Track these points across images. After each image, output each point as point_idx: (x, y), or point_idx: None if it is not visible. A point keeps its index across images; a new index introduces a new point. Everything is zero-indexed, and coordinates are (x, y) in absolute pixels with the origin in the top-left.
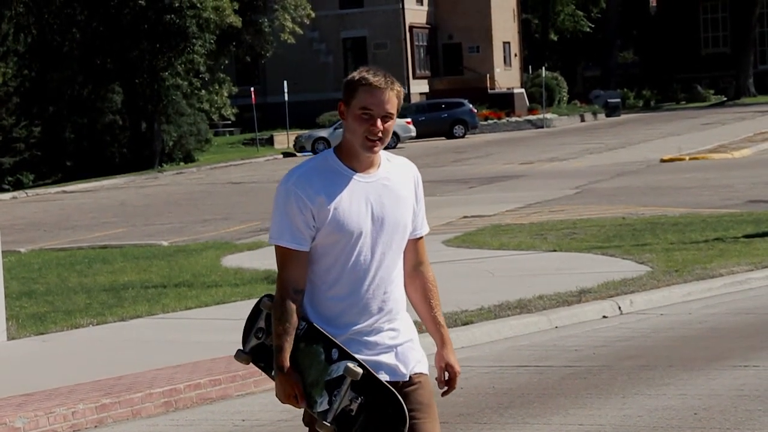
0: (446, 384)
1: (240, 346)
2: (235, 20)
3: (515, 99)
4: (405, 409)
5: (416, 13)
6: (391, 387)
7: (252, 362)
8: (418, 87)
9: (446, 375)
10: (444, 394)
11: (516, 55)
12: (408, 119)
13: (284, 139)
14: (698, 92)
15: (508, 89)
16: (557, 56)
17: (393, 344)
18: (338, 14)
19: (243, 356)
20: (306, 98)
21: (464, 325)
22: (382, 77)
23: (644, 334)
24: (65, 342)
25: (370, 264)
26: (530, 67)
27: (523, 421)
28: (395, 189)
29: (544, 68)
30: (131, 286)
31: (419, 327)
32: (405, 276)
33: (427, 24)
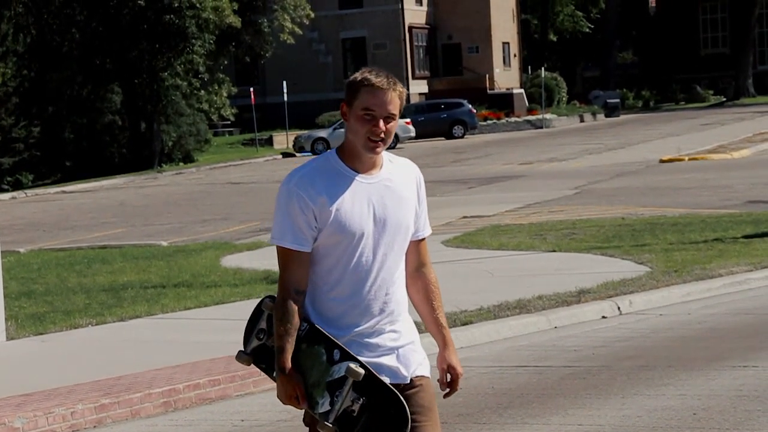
0: (448, 386)
1: (240, 347)
2: (235, 20)
3: (514, 99)
4: (407, 410)
5: (415, 14)
6: (393, 388)
7: (253, 363)
8: (418, 87)
9: (448, 377)
10: (446, 396)
11: (515, 56)
12: (407, 120)
13: (283, 140)
14: (697, 93)
15: (508, 90)
16: (556, 57)
17: (394, 346)
18: (337, 14)
19: (244, 357)
20: (305, 98)
21: (463, 326)
22: (385, 78)
23: (643, 335)
24: (64, 342)
25: (372, 265)
26: (529, 68)
27: (523, 422)
28: (397, 190)
29: (544, 69)
30: (130, 287)
31: (419, 327)
32: (407, 277)
33: (427, 24)
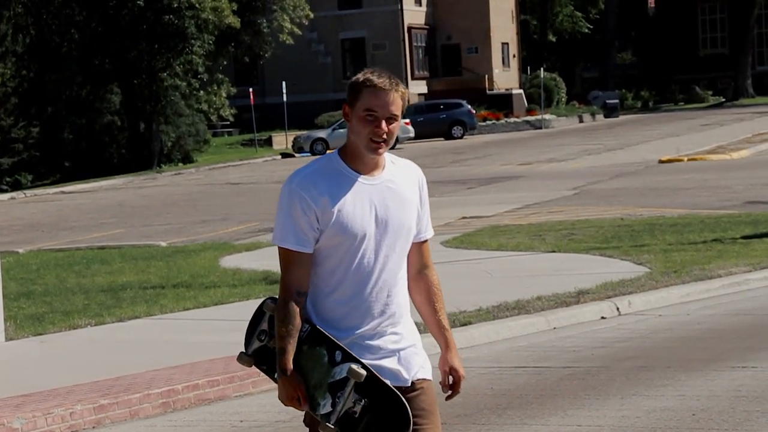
0: (450, 388)
1: (240, 347)
2: (234, 21)
3: (514, 100)
4: (409, 411)
5: (415, 14)
6: (395, 389)
7: (255, 365)
8: (417, 88)
9: (450, 379)
10: (448, 398)
11: (514, 56)
12: (406, 120)
13: (283, 140)
14: (696, 93)
15: (507, 90)
16: (556, 57)
17: (396, 348)
18: (337, 15)
19: (246, 359)
20: (304, 99)
21: (463, 326)
22: (387, 79)
23: (642, 335)
24: (63, 343)
25: (374, 267)
26: (529, 68)
27: (522, 422)
28: (399, 191)
29: (543, 69)
30: (129, 287)
31: (419, 327)
32: (409, 279)
33: (426, 25)
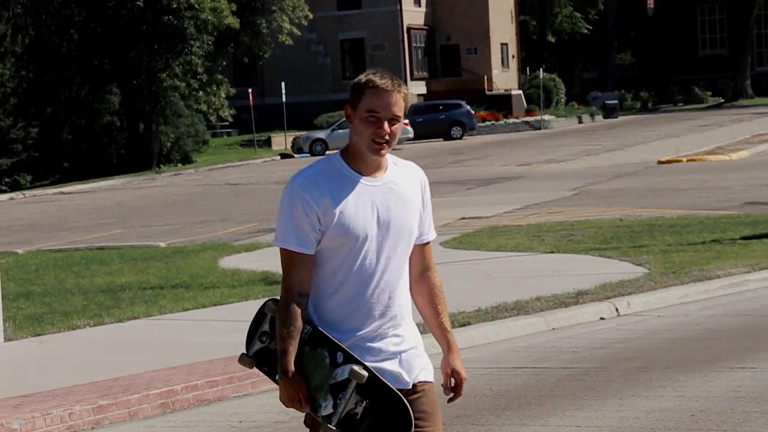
0: (452, 390)
1: (238, 348)
2: (233, 21)
3: (513, 100)
4: (410, 413)
5: (414, 15)
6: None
7: (256, 366)
8: (416, 88)
9: (452, 381)
10: (450, 401)
11: (514, 57)
12: (406, 120)
13: (282, 141)
14: (696, 94)
15: (506, 91)
16: (555, 58)
17: (397, 351)
18: (336, 15)
19: (247, 360)
20: (304, 99)
21: (461, 327)
22: (389, 80)
23: (641, 336)
24: (62, 343)
25: (376, 268)
26: (528, 69)
27: (521, 423)
28: (402, 193)
29: (542, 70)
30: (128, 288)
31: (420, 328)
32: (411, 281)
33: (425, 25)
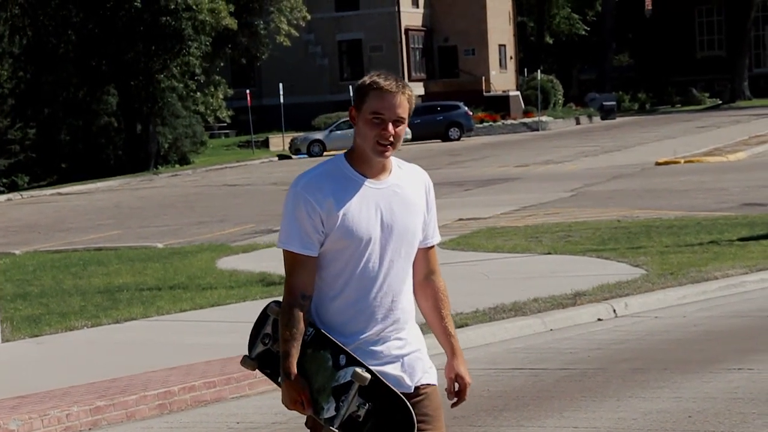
0: (456, 395)
1: (238, 349)
2: (231, 22)
3: (511, 102)
4: (413, 416)
5: (412, 16)
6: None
7: (258, 368)
8: (414, 90)
9: (456, 386)
10: (454, 406)
11: (511, 58)
12: None
13: (279, 142)
14: (693, 95)
15: (504, 92)
16: (553, 59)
17: (399, 354)
18: (334, 17)
19: (249, 362)
20: (301, 101)
21: (459, 328)
22: (393, 81)
23: (639, 337)
24: (60, 344)
25: (379, 271)
26: (526, 70)
27: (518, 424)
28: (406, 196)
29: (540, 71)
30: (126, 289)
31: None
32: (415, 285)
33: (423, 27)
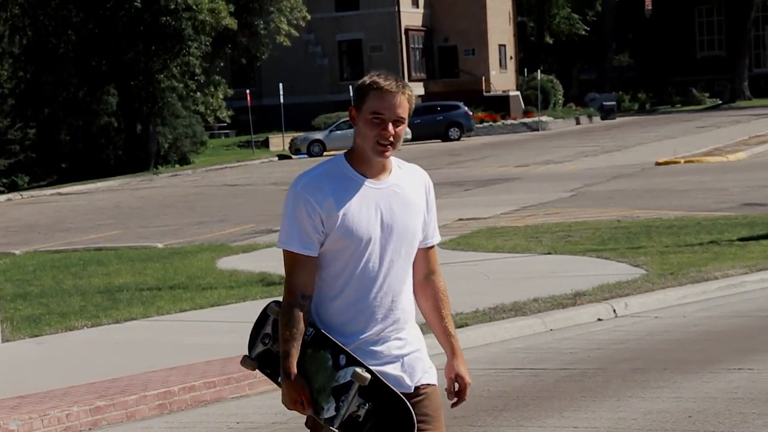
0: (456, 395)
1: (238, 349)
2: (231, 22)
3: (511, 102)
4: (413, 416)
5: (412, 16)
6: (400, 393)
7: (258, 369)
8: (414, 90)
9: (456, 386)
10: (454, 406)
11: (511, 58)
12: None
13: (279, 142)
14: (693, 95)
15: (504, 92)
16: (553, 59)
17: (399, 354)
18: (334, 17)
19: (249, 362)
20: (301, 101)
21: (459, 328)
22: (393, 81)
23: (639, 337)
24: (60, 344)
25: (379, 271)
26: (526, 70)
27: (518, 424)
28: (406, 196)
29: (540, 71)
30: (126, 289)
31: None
32: (415, 285)
33: (423, 27)
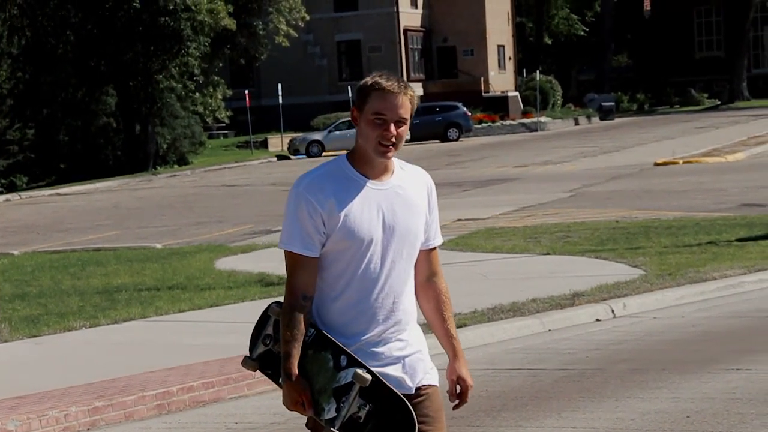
0: (458, 397)
1: (236, 349)
2: (230, 23)
3: (509, 102)
4: (414, 417)
5: (411, 16)
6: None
7: (259, 369)
8: None
9: (458, 388)
10: (455, 408)
11: (510, 59)
12: None
13: (278, 142)
14: (692, 96)
15: (503, 92)
16: (551, 60)
17: (400, 355)
18: (333, 17)
19: (250, 363)
20: (300, 101)
21: (457, 328)
22: (395, 82)
23: (637, 338)
24: (58, 344)
25: (380, 272)
26: (524, 71)
27: (516, 424)
28: (408, 197)
29: (539, 71)
30: (124, 289)
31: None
32: (417, 287)
33: (422, 27)
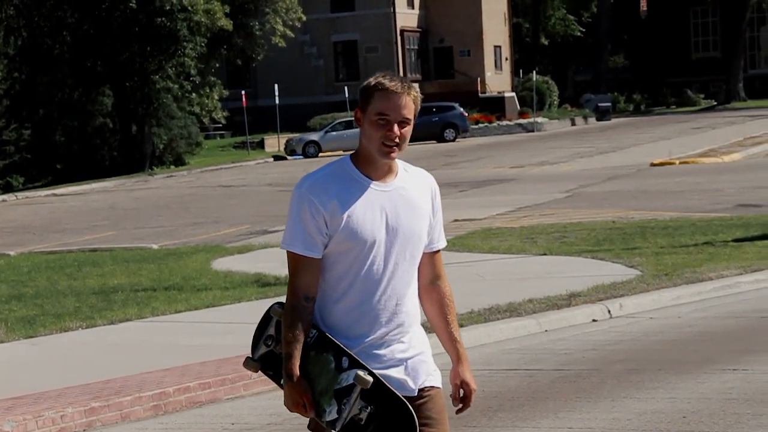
0: (461, 401)
1: (233, 350)
2: (226, 23)
3: (506, 103)
4: (415, 419)
5: (407, 17)
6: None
7: (261, 370)
8: None
9: (461, 392)
10: (458, 412)
11: (507, 59)
12: None
13: (275, 143)
14: (688, 96)
15: (499, 93)
16: (548, 60)
17: (403, 357)
18: (329, 18)
19: (252, 364)
20: (297, 101)
21: None
22: (399, 82)
23: (634, 338)
24: (54, 345)
25: (383, 274)
26: (521, 71)
27: (513, 425)
28: (411, 199)
29: (535, 72)
30: (121, 290)
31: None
32: (421, 289)
33: (418, 28)
